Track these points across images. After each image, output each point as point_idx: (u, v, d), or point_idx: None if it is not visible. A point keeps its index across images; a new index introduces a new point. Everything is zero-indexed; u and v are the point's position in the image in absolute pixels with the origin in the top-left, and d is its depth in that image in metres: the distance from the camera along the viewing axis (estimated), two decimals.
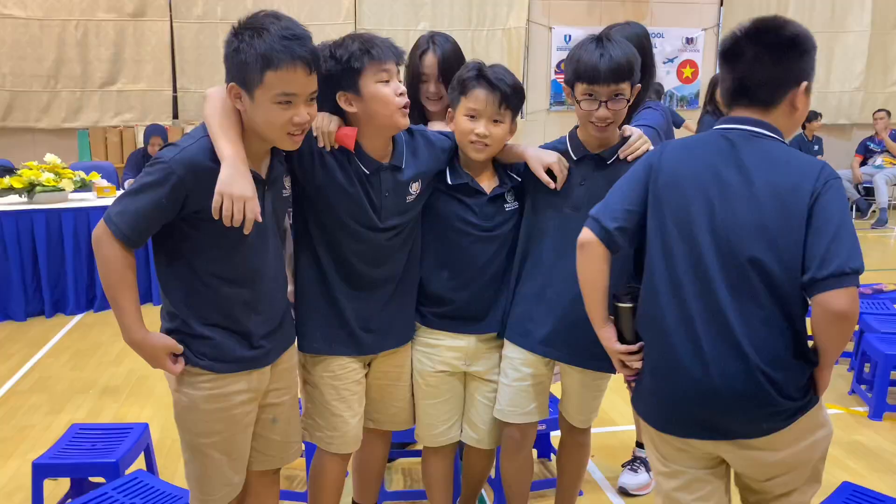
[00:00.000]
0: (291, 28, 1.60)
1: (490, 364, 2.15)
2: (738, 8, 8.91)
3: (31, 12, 7.49)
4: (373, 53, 1.80)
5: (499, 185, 2.06)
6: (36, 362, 4.11)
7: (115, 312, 1.65)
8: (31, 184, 4.88)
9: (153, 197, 1.58)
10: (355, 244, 1.92)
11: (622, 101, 1.91)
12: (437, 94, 2.38)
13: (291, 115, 1.62)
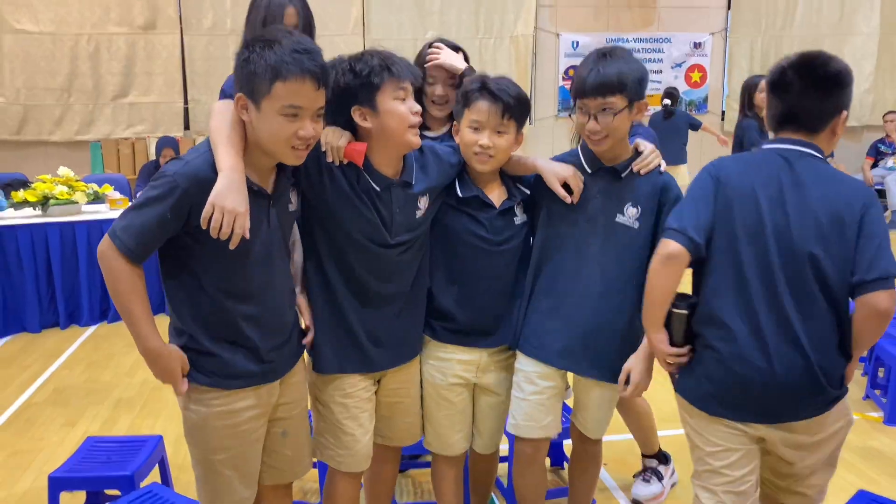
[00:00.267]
0: (303, 43, 1.62)
1: (498, 378, 2.17)
2: (746, 12, 8.90)
3: (43, 27, 7.57)
4: (392, 70, 1.81)
5: (508, 199, 2.06)
6: (51, 374, 4.15)
7: (128, 323, 1.64)
8: (44, 197, 4.93)
9: (158, 210, 1.58)
10: (365, 260, 1.91)
11: (609, 114, 1.91)
12: (443, 97, 2.38)
13: (297, 129, 1.62)
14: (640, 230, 2.01)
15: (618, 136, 1.97)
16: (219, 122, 1.66)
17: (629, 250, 2.02)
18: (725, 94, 9.12)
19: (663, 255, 1.73)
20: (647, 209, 2.01)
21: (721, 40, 9.00)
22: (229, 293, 1.70)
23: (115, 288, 1.63)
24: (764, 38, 9.01)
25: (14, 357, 4.43)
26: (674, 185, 2.04)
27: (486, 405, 2.19)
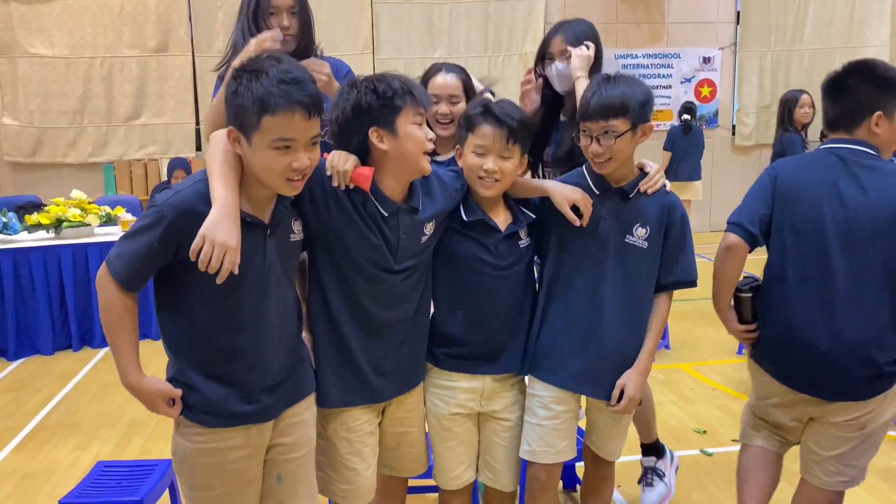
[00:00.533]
0: (291, 71, 1.56)
1: (506, 403, 2.12)
2: (755, 26, 8.89)
3: (57, 51, 7.67)
4: (414, 95, 1.80)
5: (513, 223, 2.04)
6: (63, 396, 4.16)
7: (113, 354, 1.63)
8: (58, 219, 4.97)
9: (146, 240, 1.56)
10: (370, 286, 1.87)
11: (611, 137, 1.92)
12: (446, 115, 2.39)
13: (290, 161, 1.57)
14: (649, 250, 2.02)
15: (621, 158, 1.98)
16: (214, 152, 1.64)
17: (639, 270, 2.03)
18: (736, 109, 9.10)
19: (724, 247, 2.03)
20: (655, 229, 2.02)
21: (730, 55, 8.99)
22: (219, 325, 1.65)
23: (103, 315, 1.62)
24: (774, 51, 8.99)
25: (27, 380, 4.45)
26: (679, 206, 2.06)
27: (494, 433, 2.13)
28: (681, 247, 2.04)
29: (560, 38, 2.55)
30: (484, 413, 2.12)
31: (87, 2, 7.63)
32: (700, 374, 4.19)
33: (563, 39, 2.54)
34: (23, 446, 3.52)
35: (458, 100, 2.41)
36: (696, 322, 5.21)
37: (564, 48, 2.52)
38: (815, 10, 8.97)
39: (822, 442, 2.02)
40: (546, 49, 2.59)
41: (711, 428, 3.48)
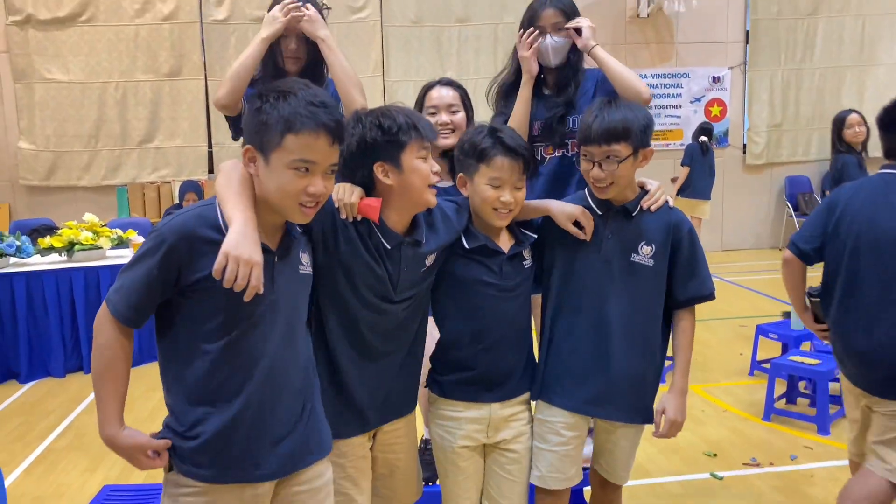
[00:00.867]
0: (320, 96, 1.54)
1: (513, 433, 2.06)
2: (764, 45, 8.90)
3: (73, 76, 7.80)
4: (419, 129, 1.80)
5: (516, 244, 2.03)
6: (73, 419, 4.17)
7: (96, 401, 1.53)
8: (70, 243, 5.03)
9: (145, 267, 1.49)
10: (369, 316, 1.84)
11: (614, 162, 1.93)
12: (446, 125, 2.47)
13: (306, 185, 1.52)
14: (656, 268, 2.00)
15: (623, 183, 1.98)
16: (226, 179, 1.61)
17: (647, 288, 2.02)
18: (746, 128, 9.08)
19: (782, 261, 2.41)
20: (661, 246, 2.00)
21: (740, 74, 9.00)
22: (225, 361, 1.54)
23: (96, 358, 1.52)
24: (784, 70, 8.99)
25: (38, 402, 4.48)
26: (685, 221, 2.05)
27: (500, 466, 2.08)
28: (693, 261, 2.03)
29: (552, 10, 2.55)
30: (490, 445, 2.08)
31: (103, 28, 7.78)
32: (711, 396, 4.15)
33: (556, 12, 2.54)
34: (32, 469, 3.53)
35: (458, 109, 2.50)
36: (707, 343, 5.17)
37: (558, 20, 2.53)
38: (825, 29, 8.98)
39: (874, 427, 2.22)
40: (535, 22, 2.57)
41: (722, 451, 3.44)
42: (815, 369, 3.64)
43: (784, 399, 4.01)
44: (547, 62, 2.58)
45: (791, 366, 3.75)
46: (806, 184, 9.15)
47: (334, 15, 2.59)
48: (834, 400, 3.82)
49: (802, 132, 9.12)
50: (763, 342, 4.48)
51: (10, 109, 7.81)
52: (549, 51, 2.54)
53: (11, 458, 3.65)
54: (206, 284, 1.48)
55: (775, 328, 4.38)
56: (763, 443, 3.53)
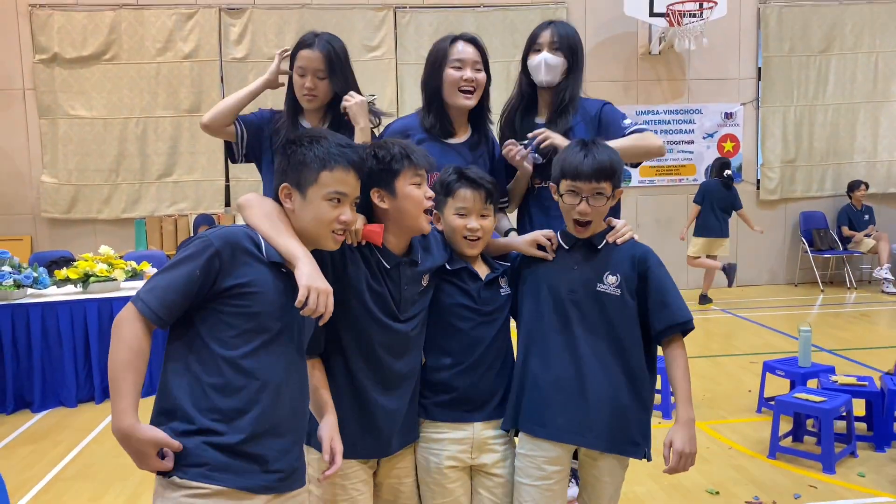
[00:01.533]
0: (346, 140, 1.82)
1: (496, 457, 2.15)
2: (777, 82, 8.94)
3: (96, 112, 8.02)
4: (412, 158, 1.99)
5: (491, 271, 2.20)
6: (82, 449, 4.23)
7: (113, 396, 1.57)
8: (85, 274, 5.14)
9: (188, 268, 1.59)
10: (383, 337, 1.99)
11: (602, 198, 2.05)
12: (471, 82, 2.48)
13: (339, 214, 1.76)
14: (623, 296, 2.07)
15: (599, 220, 2.10)
16: (264, 212, 1.77)
17: (616, 318, 2.07)
18: (760, 163, 9.09)
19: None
20: (627, 277, 2.08)
21: (753, 110, 9.03)
22: (244, 369, 1.64)
23: (114, 354, 1.57)
24: (797, 106, 9.01)
25: (48, 431, 4.54)
26: (651, 254, 2.13)
27: (486, 489, 2.15)
28: (663, 291, 2.08)
29: (550, 31, 2.61)
30: (475, 468, 2.15)
31: (126, 66, 8.01)
32: (717, 433, 4.11)
33: (552, 33, 2.60)
34: (39, 497, 3.58)
35: (481, 68, 2.50)
36: (715, 380, 5.14)
37: (555, 41, 2.58)
38: (837, 65, 9.01)
39: None
40: (535, 40, 2.63)
41: (725, 489, 3.41)
42: (821, 407, 3.61)
43: (790, 437, 3.97)
44: (539, 79, 2.60)
45: (796, 403, 3.72)
46: (821, 219, 9.11)
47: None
48: (840, 438, 3.78)
49: (817, 168, 9.10)
50: (774, 379, 4.44)
51: (34, 144, 8.03)
52: (543, 67, 2.57)
53: (21, 485, 3.70)
54: (238, 291, 1.63)
55: (782, 364, 4.34)
56: (767, 481, 3.49)
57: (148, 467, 1.60)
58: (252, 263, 1.66)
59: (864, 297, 8.40)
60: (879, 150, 9.20)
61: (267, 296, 1.67)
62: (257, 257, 1.67)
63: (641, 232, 9.20)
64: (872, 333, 6.55)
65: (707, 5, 8.07)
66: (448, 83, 2.48)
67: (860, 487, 3.40)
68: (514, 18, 8.44)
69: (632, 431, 2.07)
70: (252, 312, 1.65)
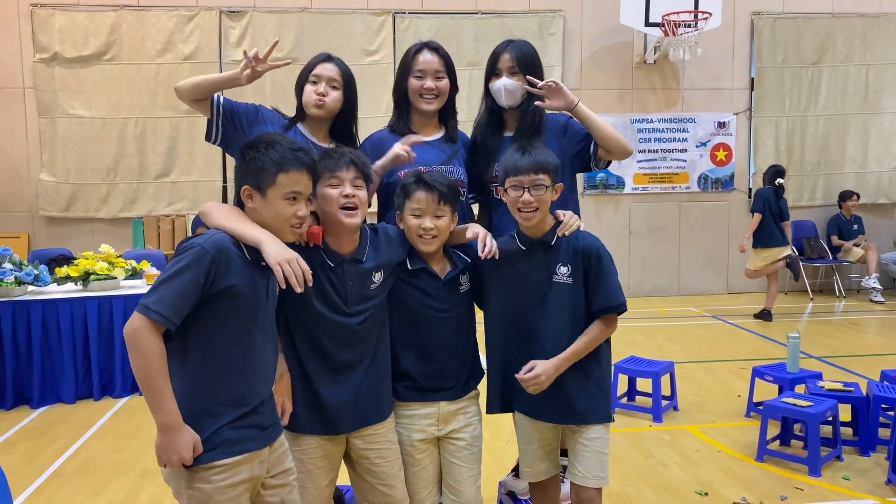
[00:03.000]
0: (297, 144, 2.02)
1: (462, 423, 2.44)
2: (769, 92, 9.07)
3: (95, 112, 8.07)
4: (327, 164, 2.20)
5: (451, 269, 2.41)
6: (81, 444, 4.28)
7: (155, 400, 1.77)
8: (86, 272, 5.18)
9: (191, 276, 1.79)
10: (328, 328, 2.20)
11: (542, 188, 2.27)
12: (431, 90, 2.68)
13: (296, 210, 1.98)
14: (574, 284, 2.34)
15: (544, 209, 2.34)
16: (225, 212, 1.98)
17: (570, 303, 2.34)
18: (752, 173, 9.20)
19: None
20: (575, 267, 2.34)
21: (745, 120, 9.15)
22: (235, 357, 1.91)
23: (145, 365, 1.76)
24: (789, 117, 9.14)
25: (48, 427, 4.59)
26: (594, 244, 2.35)
27: (451, 454, 2.43)
28: (599, 277, 2.32)
29: (508, 56, 2.76)
30: (443, 437, 2.41)
31: (126, 67, 8.06)
32: (706, 437, 4.20)
33: (511, 58, 2.75)
34: (39, 493, 3.63)
35: (443, 76, 2.70)
36: (705, 384, 5.22)
37: (513, 65, 2.73)
38: (829, 77, 9.14)
39: None
40: (495, 65, 2.78)
41: (713, 490, 3.49)
42: (807, 411, 3.70)
43: (778, 441, 4.06)
44: (500, 103, 2.79)
45: (783, 407, 3.80)
46: (811, 228, 9.23)
47: (348, 57, 2.78)
48: (826, 442, 3.87)
49: (807, 178, 9.23)
50: (763, 385, 4.53)
51: (33, 143, 8.07)
52: (503, 92, 2.74)
53: (21, 480, 3.75)
54: (229, 292, 1.86)
55: (771, 370, 4.44)
56: (754, 483, 3.58)
57: (183, 459, 1.82)
58: (237, 264, 1.88)
59: (853, 305, 8.52)
60: (870, 161, 9.33)
61: (248, 292, 1.91)
62: (241, 257, 1.90)
63: (634, 238, 9.28)
64: (860, 341, 6.65)
65: (702, 16, 8.19)
66: (411, 91, 2.72)
67: (845, 490, 3.48)
68: (512, 25, 8.54)
69: (589, 403, 2.34)
70: (240, 307, 1.89)
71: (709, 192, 9.14)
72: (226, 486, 1.86)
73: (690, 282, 9.19)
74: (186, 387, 1.85)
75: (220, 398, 1.88)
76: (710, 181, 9.15)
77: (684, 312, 8.08)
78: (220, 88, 2.65)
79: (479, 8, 8.57)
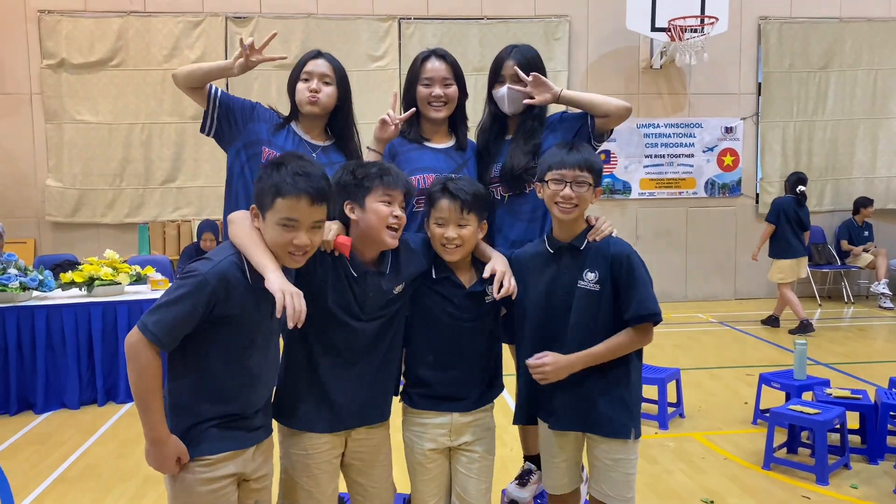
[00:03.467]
0: (305, 167, 1.92)
1: (474, 436, 2.38)
2: (777, 97, 9.03)
3: (101, 118, 8.10)
4: (383, 179, 2.18)
5: (478, 282, 2.33)
6: (85, 450, 4.27)
7: (144, 414, 1.85)
8: (90, 278, 5.19)
9: (190, 305, 1.82)
10: (342, 331, 2.19)
11: (585, 185, 2.21)
12: (439, 97, 2.67)
13: (291, 238, 1.91)
14: (602, 291, 2.24)
15: (583, 207, 2.26)
16: (243, 230, 1.96)
17: (598, 311, 2.24)
18: (759, 178, 9.16)
19: None
20: (604, 273, 2.23)
21: (752, 125, 9.11)
22: (231, 373, 1.94)
23: (138, 379, 1.83)
24: (796, 122, 9.10)
25: (52, 433, 4.58)
26: (625, 249, 2.26)
27: (463, 466, 2.38)
28: (631, 285, 2.22)
29: (512, 62, 2.72)
30: (454, 448, 2.37)
31: (132, 73, 8.09)
32: (712, 444, 4.16)
33: (514, 64, 2.71)
34: (42, 498, 3.62)
35: (451, 83, 2.69)
36: (712, 391, 5.18)
37: (515, 72, 2.69)
38: (837, 82, 9.10)
39: None
40: (499, 72, 2.75)
41: (719, 498, 3.45)
42: (814, 419, 3.66)
43: (785, 448, 4.02)
44: (504, 110, 2.77)
45: (790, 415, 3.77)
46: (819, 234, 9.17)
47: (354, 62, 2.78)
48: (833, 450, 3.83)
49: (815, 183, 9.17)
50: (770, 391, 4.49)
51: (40, 149, 8.11)
52: (505, 100, 2.72)
53: (25, 485, 3.74)
54: (228, 319, 1.88)
55: (778, 377, 4.40)
56: (761, 491, 3.54)
57: (166, 469, 1.90)
58: (240, 292, 1.89)
59: (862, 311, 8.45)
60: (878, 167, 9.28)
61: (249, 317, 1.93)
62: (244, 284, 1.90)
63: (641, 243, 9.25)
64: (868, 348, 6.60)
65: (708, 21, 8.16)
66: (420, 99, 2.71)
67: (853, 499, 3.44)
68: (517, 31, 8.53)
69: (616, 412, 2.24)
70: (237, 332, 1.92)
71: (716, 197, 9.10)
72: (208, 478, 1.90)
73: (697, 287, 9.15)
74: (179, 390, 1.93)
75: (213, 408, 1.94)
76: (718, 186, 9.11)
77: (691, 318, 8.03)
78: (213, 77, 2.63)
79: (484, 13, 8.58)
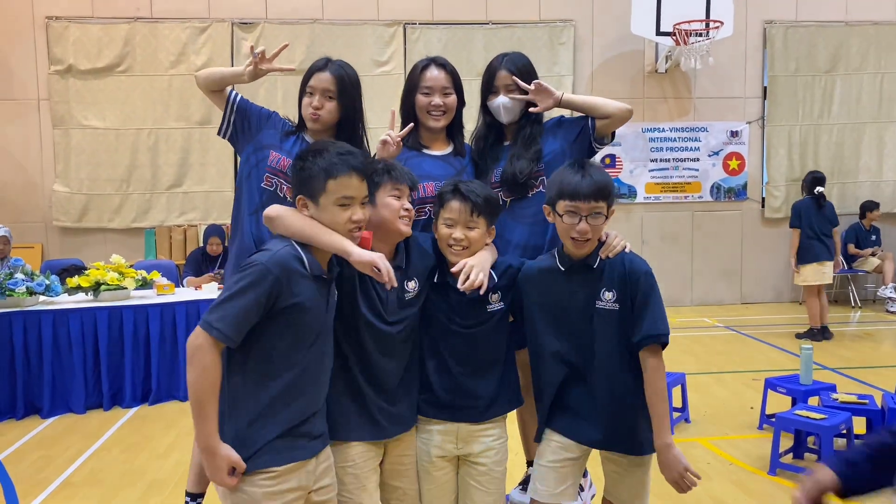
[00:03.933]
0: (346, 147, 2.03)
1: (482, 447, 2.32)
2: (782, 101, 9.01)
3: (108, 123, 8.14)
4: (391, 174, 2.22)
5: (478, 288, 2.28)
6: (90, 455, 4.28)
7: (199, 418, 1.82)
8: (96, 282, 5.21)
9: (254, 296, 1.83)
10: (372, 336, 2.17)
11: (600, 217, 2.13)
12: (439, 107, 2.66)
13: (350, 214, 1.99)
14: (621, 310, 2.17)
15: (596, 237, 2.17)
16: (299, 219, 2.00)
17: (618, 330, 2.18)
18: (765, 182, 9.13)
19: None
20: (621, 292, 2.17)
21: (758, 129, 9.09)
22: (294, 368, 1.92)
23: (199, 380, 1.80)
24: (802, 126, 9.07)
25: (58, 438, 4.60)
26: (640, 266, 2.19)
27: (471, 477, 2.33)
28: (644, 305, 2.15)
29: (505, 72, 2.71)
30: (462, 457, 2.33)
31: (139, 78, 8.13)
32: (718, 449, 4.14)
33: (507, 75, 2.70)
34: (48, 502, 3.63)
35: (450, 92, 2.68)
36: (718, 396, 5.17)
37: (509, 82, 2.68)
38: (843, 85, 9.08)
39: None
40: (492, 82, 2.73)
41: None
42: (821, 424, 3.65)
43: (791, 454, 4.00)
44: (499, 119, 2.75)
45: (797, 420, 3.75)
46: None
47: (359, 68, 2.77)
48: None
49: None
50: (776, 396, 4.47)
51: (47, 154, 8.15)
52: (501, 110, 2.71)
53: (30, 489, 3.76)
54: (292, 309, 1.88)
55: (784, 382, 4.38)
56: (767, 498, 3.52)
57: (218, 480, 1.86)
58: (301, 281, 1.90)
59: (868, 315, 8.42)
60: (885, 170, 9.24)
61: (313, 307, 1.94)
62: (303, 274, 1.91)
63: (647, 248, 9.22)
64: (875, 352, 6.57)
65: (713, 25, 8.15)
66: (419, 108, 2.70)
67: None
68: (522, 35, 8.55)
69: (639, 432, 2.20)
70: (302, 323, 1.91)
71: (721, 201, 9.08)
72: (273, 492, 1.88)
73: (703, 292, 9.12)
74: (244, 395, 1.90)
75: (276, 409, 1.90)
76: (723, 190, 9.09)
77: (697, 323, 8.01)
78: (228, 83, 2.70)
79: (489, 18, 8.59)
